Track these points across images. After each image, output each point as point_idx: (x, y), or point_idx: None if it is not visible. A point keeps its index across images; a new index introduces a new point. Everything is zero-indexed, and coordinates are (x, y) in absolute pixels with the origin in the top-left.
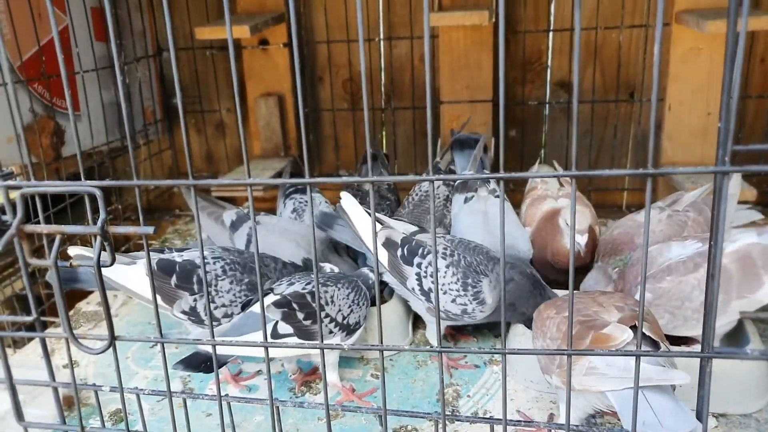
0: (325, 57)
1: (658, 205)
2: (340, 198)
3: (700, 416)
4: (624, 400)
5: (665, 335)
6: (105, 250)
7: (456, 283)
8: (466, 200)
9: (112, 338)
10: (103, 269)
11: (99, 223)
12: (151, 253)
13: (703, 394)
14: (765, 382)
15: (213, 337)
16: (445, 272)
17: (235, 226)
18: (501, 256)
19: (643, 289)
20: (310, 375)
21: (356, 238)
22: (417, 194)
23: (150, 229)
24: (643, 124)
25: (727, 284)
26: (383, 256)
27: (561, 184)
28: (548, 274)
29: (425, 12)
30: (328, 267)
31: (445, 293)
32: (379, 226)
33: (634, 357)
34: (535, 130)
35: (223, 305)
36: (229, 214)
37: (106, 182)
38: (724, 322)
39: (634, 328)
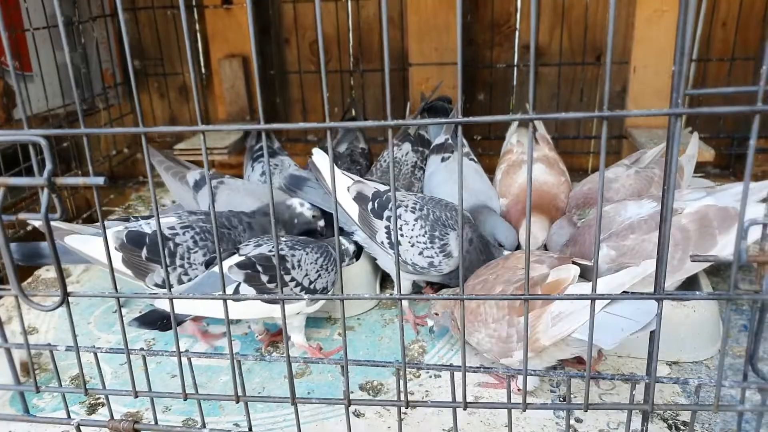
0: (291, 18)
1: (623, 162)
2: (312, 154)
3: (651, 356)
4: (596, 326)
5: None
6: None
7: (424, 235)
8: (443, 160)
9: (65, 294)
10: (71, 242)
11: (45, 174)
12: (116, 222)
13: (654, 335)
14: (715, 330)
15: (170, 291)
16: (414, 225)
17: (198, 185)
18: (459, 204)
19: (599, 221)
20: (276, 336)
21: (327, 196)
22: (386, 160)
23: (100, 180)
24: (610, 88)
25: (685, 243)
26: (354, 210)
27: (537, 141)
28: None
29: None
30: (296, 201)
31: (413, 246)
32: (351, 181)
33: (590, 300)
34: (504, 94)
35: (197, 276)
36: (193, 174)
37: (52, 131)
38: (678, 279)
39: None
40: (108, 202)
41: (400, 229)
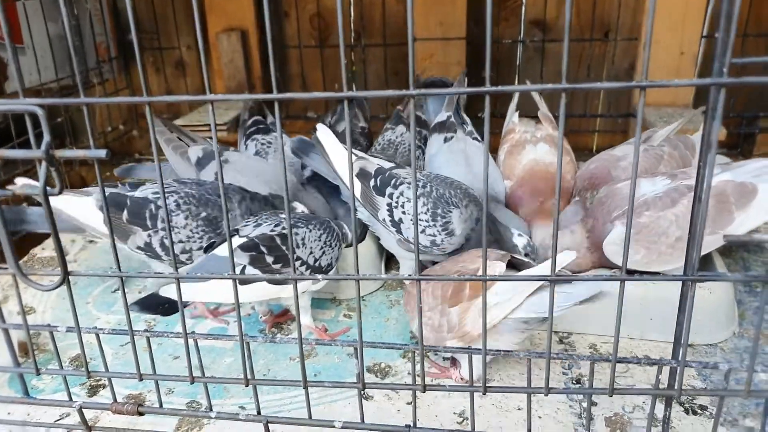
0: None
1: (632, 141)
2: (316, 129)
3: (679, 341)
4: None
5: (639, 271)
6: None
7: (426, 213)
8: (446, 140)
9: (65, 274)
10: (53, 201)
11: (43, 146)
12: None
13: (683, 319)
14: (731, 313)
15: (176, 270)
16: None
17: (201, 163)
18: (484, 178)
19: (632, 203)
20: (280, 317)
21: (331, 170)
22: (380, 144)
23: (102, 153)
24: (617, 64)
25: None
26: (356, 186)
27: (539, 120)
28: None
29: None
30: (299, 207)
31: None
32: (354, 157)
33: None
34: (509, 71)
35: (180, 241)
36: (195, 150)
37: (49, 100)
38: None
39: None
40: (103, 179)
41: (402, 207)
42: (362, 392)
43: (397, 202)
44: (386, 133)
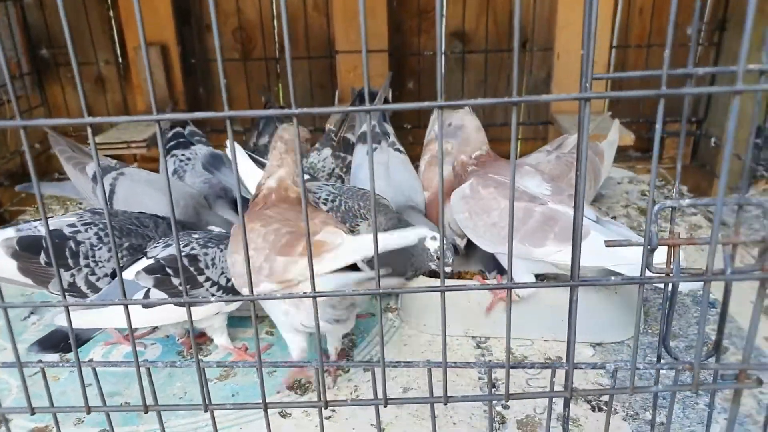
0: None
1: (545, 148)
2: (226, 146)
3: (570, 343)
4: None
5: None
6: None
7: None
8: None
9: None
10: None
11: None
12: (8, 227)
13: (572, 321)
14: (633, 311)
15: (65, 298)
16: None
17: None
18: (371, 190)
19: (512, 212)
20: (199, 337)
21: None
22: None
23: None
24: (535, 74)
25: (522, 222)
26: None
27: None
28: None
29: None
30: (216, 229)
31: None
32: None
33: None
34: (432, 81)
35: (106, 275)
36: (93, 165)
37: None
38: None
39: None
40: (19, 201)
41: None
42: (276, 410)
43: None
44: (312, 154)
